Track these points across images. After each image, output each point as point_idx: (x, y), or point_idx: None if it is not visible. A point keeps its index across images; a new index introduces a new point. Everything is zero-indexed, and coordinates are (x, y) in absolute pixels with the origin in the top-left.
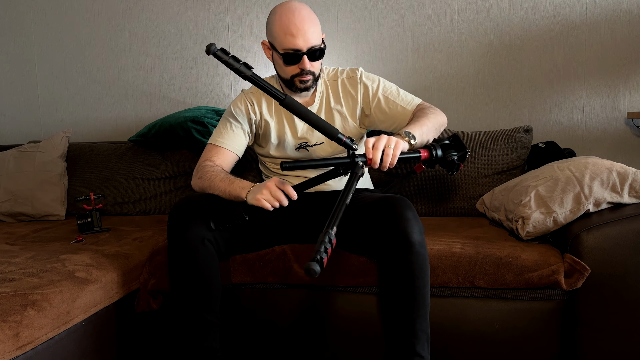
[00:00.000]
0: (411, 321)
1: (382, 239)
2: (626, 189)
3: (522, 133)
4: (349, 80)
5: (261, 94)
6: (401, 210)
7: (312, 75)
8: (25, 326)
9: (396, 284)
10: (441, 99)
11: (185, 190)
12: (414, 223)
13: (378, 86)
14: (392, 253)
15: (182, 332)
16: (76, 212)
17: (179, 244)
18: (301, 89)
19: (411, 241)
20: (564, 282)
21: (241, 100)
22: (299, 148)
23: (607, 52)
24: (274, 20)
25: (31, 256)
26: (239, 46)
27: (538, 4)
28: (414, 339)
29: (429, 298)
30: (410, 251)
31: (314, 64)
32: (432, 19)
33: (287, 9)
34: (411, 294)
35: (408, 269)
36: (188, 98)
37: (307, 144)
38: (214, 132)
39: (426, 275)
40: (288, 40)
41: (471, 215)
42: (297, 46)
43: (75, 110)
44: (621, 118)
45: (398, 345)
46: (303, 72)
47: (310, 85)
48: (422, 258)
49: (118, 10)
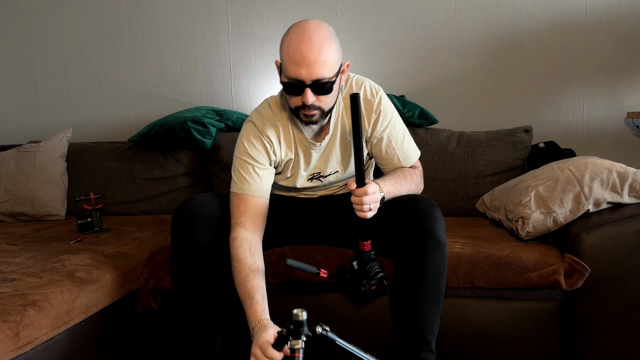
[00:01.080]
0: (430, 319)
1: (407, 238)
2: (626, 189)
3: (522, 133)
4: (366, 103)
5: (276, 127)
6: (429, 210)
7: (319, 110)
8: (25, 326)
9: (421, 281)
10: (441, 99)
11: (186, 190)
12: (441, 222)
13: (389, 124)
14: (418, 251)
15: (184, 334)
16: (76, 212)
17: (182, 247)
18: (306, 123)
19: (439, 240)
20: (564, 282)
21: (256, 138)
22: (312, 179)
23: (607, 52)
24: (284, 41)
25: (31, 256)
26: (239, 46)
27: (538, 4)
28: (431, 336)
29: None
30: (437, 249)
31: (322, 98)
32: (432, 19)
33: (299, 31)
34: (434, 292)
35: (433, 267)
36: (188, 98)
37: (320, 174)
38: (235, 178)
39: (445, 275)
40: (291, 68)
41: (471, 215)
42: (300, 76)
43: (75, 110)
44: (621, 118)
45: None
46: (306, 107)
47: (316, 120)
48: (444, 257)
49: (118, 10)
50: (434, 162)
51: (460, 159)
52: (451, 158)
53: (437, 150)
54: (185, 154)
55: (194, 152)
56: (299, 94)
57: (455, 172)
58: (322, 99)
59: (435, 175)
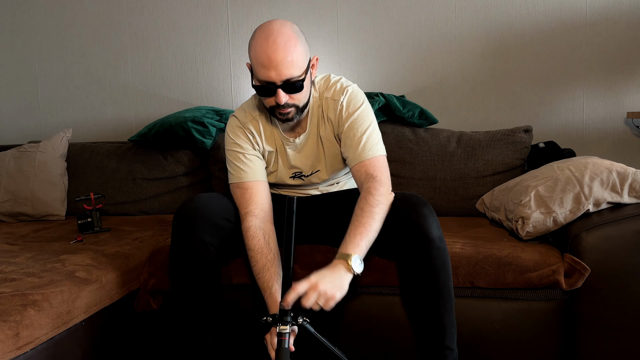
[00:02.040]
0: (439, 316)
1: (401, 238)
2: (626, 189)
3: (522, 133)
4: (330, 103)
5: (256, 121)
6: (417, 207)
7: (293, 107)
8: (25, 326)
9: (420, 281)
10: (441, 99)
11: (185, 190)
12: (432, 218)
13: (353, 114)
14: (413, 250)
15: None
16: (76, 212)
17: (183, 246)
18: (283, 120)
19: (431, 237)
20: (564, 282)
21: (239, 130)
22: (294, 177)
23: (607, 52)
24: (250, 45)
25: (31, 256)
26: (238, 46)
27: (538, 4)
28: (443, 333)
29: (453, 290)
30: (431, 246)
31: (294, 96)
32: (432, 19)
33: (263, 34)
34: (436, 289)
35: (430, 264)
36: (188, 98)
37: (302, 173)
38: (231, 170)
39: (448, 269)
40: (260, 71)
41: (471, 215)
42: (270, 78)
43: (75, 110)
44: (621, 118)
45: (427, 340)
46: (280, 106)
47: (293, 117)
48: (443, 252)
49: (118, 10)
50: (434, 162)
51: (460, 159)
52: (451, 158)
53: (437, 150)
54: (185, 154)
55: (194, 152)
56: (272, 95)
57: (455, 172)
58: (294, 97)
59: (435, 175)
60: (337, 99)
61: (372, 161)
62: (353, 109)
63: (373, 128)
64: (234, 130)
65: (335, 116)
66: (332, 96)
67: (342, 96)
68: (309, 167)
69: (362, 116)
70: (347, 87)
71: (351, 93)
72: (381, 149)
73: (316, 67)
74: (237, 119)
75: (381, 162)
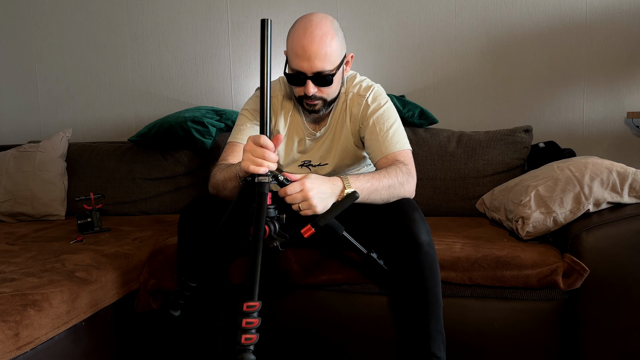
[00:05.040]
0: (425, 322)
1: (391, 241)
2: (626, 189)
3: (522, 133)
4: (357, 98)
5: (278, 102)
6: (407, 212)
7: (321, 100)
8: (25, 326)
9: (407, 285)
10: (441, 99)
11: (185, 190)
12: (421, 224)
13: (378, 110)
14: (401, 255)
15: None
16: (76, 212)
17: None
18: (309, 111)
19: (419, 242)
20: (561, 282)
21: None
22: (302, 166)
23: (607, 52)
24: (289, 34)
25: (31, 256)
26: (238, 46)
27: (538, 4)
28: (429, 340)
29: (441, 297)
30: (419, 252)
31: (323, 89)
32: (432, 19)
33: (302, 25)
34: (423, 294)
35: (418, 269)
36: (188, 98)
37: (310, 162)
38: (233, 130)
39: (437, 275)
40: (294, 60)
41: (471, 215)
42: (302, 68)
43: (75, 110)
44: (621, 118)
45: (413, 346)
46: (308, 96)
47: (319, 109)
48: (431, 258)
49: (118, 10)
50: (434, 162)
51: (460, 159)
52: (451, 158)
53: (437, 150)
54: (185, 154)
55: (194, 152)
56: (302, 84)
57: (455, 172)
58: (323, 90)
59: (435, 175)
60: (364, 95)
61: (399, 153)
62: (378, 105)
63: (399, 124)
64: (252, 101)
65: (360, 111)
66: (358, 92)
67: (368, 92)
68: (318, 159)
69: (388, 112)
70: (372, 85)
71: (376, 91)
72: (408, 144)
73: (350, 64)
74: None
75: (409, 156)
